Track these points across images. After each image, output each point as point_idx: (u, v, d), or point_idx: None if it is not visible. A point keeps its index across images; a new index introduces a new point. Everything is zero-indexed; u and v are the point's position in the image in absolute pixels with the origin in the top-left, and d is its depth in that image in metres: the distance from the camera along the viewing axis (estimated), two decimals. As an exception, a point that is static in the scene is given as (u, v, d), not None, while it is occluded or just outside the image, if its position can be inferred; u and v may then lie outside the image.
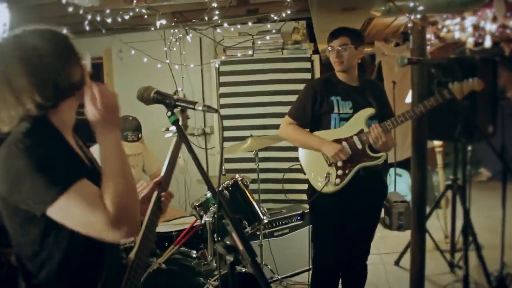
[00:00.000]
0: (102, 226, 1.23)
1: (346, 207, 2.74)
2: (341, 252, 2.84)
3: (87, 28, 3.83)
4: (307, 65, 4.68)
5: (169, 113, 1.48)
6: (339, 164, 2.75)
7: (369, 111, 2.77)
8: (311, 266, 3.10)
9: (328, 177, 2.74)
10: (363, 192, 2.74)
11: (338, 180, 2.74)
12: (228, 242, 1.33)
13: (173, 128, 1.55)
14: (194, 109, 1.44)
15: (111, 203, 1.24)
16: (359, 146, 2.72)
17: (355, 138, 2.74)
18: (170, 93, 1.52)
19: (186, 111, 1.71)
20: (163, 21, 3.79)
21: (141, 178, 3.70)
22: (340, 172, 2.75)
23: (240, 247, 1.28)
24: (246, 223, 2.89)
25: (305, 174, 2.89)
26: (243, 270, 2.65)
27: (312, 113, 2.84)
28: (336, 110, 2.79)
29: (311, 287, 2.98)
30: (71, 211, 1.23)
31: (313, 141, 2.82)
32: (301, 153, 2.94)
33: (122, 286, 1.41)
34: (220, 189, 1.39)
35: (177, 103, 1.47)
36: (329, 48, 2.81)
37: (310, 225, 3.07)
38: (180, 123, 1.51)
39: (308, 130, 2.89)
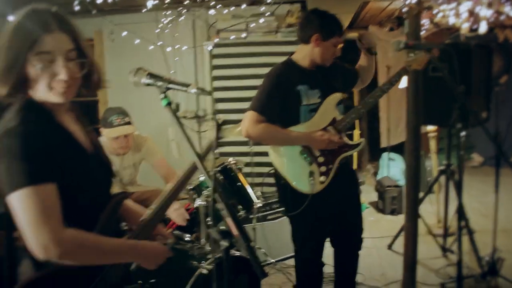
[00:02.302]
0: (43, 242, 1.24)
1: (321, 200, 2.58)
2: (322, 245, 2.79)
3: (77, 8, 3.75)
4: (301, 48, 4.64)
5: (162, 96, 1.44)
6: (320, 160, 2.60)
7: (337, 97, 2.64)
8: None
9: (313, 176, 2.57)
10: (336, 181, 2.63)
11: (323, 178, 2.59)
12: (222, 227, 1.32)
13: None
14: (187, 91, 1.40)
15: (78, 238, 1.31)
16: (335, 135, 2.61)
17: (330, 129, 2.62)
18: (163, 75, 1.49)
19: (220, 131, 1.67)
20: (156, 1, 3.72)
21: (136, 174, 3.65)
22: (323, 168, 2.60)
23: (235, 232, 1.26)
24: (240, 207, 2.87)
25: (282, 181, 2.64)
26: (236, 253, 2.64)
27: (279, 106, 2.55)
28: (304, 102, 2.58)
29: (296, 280, 2.93)
30: (24, 209, 1.24)
31: (297, 137, 2.57)
32: (275, 158, 2.68)
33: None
34: (213, 172, 1.36)
35: (169, 85, 1.43)
36: (338, 40, 2.60)
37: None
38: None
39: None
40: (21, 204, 1.24)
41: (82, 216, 1.39)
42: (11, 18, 1.41)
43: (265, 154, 4.59)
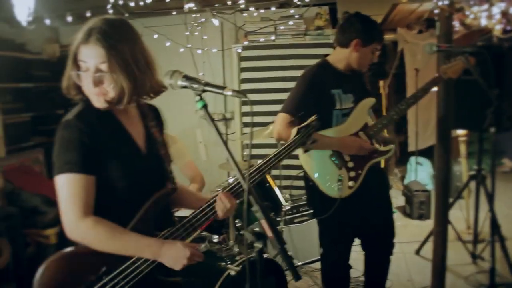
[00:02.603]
0: (67, 221, 1.45)
1: (350, 203, 2.56)
2: (349, 249, 2.78)
3: (110, 11, 3.83)
4: (330, 51, 4.51)
5: (197, 98, 1.45)
6: (350, 165, 2.57)
7: (371, 102, 2.63)
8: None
9: (341, 181, 2.54)
10: (365, 184, 2.61)
11: (351, 183, 2.56)
12: (256, 229, 1.32)
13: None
14: (223, 94, 1.41)
15: (94, 227, 1.45)
16: (367, 141, 2.59)
17: (361, 134, 2.60)
18: (197, 78, 1.50)
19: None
20: (191, 5, 3.75)
21: None
22: (352, 173, 2.57)
23: (270, 234, 1.27)
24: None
25: (311, 183, 2.62)
26: (265, 255, 2.65)
27: (312, 109, 2.34)
28: (338, 106, 2.55)
29: (323, 283, 2.91)
30: (60, 190, 1.46)
31: (328, 142, 2.52)
32: (304, 160, 2.65)
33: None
34: (248, 176, 1.38)
35: (205, 87, 1.43)
36: (377, 47, 2.59)
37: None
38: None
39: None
40: (58, 187, 1.46)
41: (126, 210, 1.53)
42: (47, 21, 1.51)
43: (293, 157, 4.64)
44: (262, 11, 4.53)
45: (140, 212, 1.55)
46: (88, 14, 3.51)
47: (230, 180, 2.89)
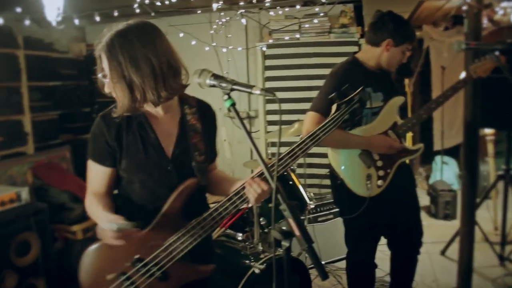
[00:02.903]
0: (86, 195, 1.74)
1: (378, 202, 2.53)
2: (375, 248, 2.76)
3: (137, 11, 3.87)
4: (354, 49, 4.59)
5: (226, 97, 1.45)
6: (379, 164, 2.55)
7: (400, 100, 2.59)
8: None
9: (370, 180, 2.53)
10: (393, 181, 2.59)
11: (380, 182, 2.55)
12: (283, 227, 1.33)
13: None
14: (251, 93, 1.41)
15: (88, 208, 1.71)
16: (396, 140, 2.56)
17: (390, 133, 2.58)
18: (226, 76, 1.51)
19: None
20: (220, 4, 3.77)
21: None
22: (381, 172, 2.55)
23: (297, 233, 1.27)
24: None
25: (339, 181, 2.59)
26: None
27: None
28: (368, 105, 2.49)
29: (348, 282, 2.90)
30: (88, 171, 1.74)
31: (357, 141, 2.50)
32: (333, 158, 2.63)
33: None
34: (277, 174, 1.38)
35: (234, 86, 1.44)
36: (408, 47, 2.55)
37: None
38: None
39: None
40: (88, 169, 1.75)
41: (152, 204, 1.67)
42: (76, 21, 1.58)
43: (318, 155, 4.64)
44: (287, 9, 4.52)
45: (165, 205, 1.63)
46: (116, 13, 3.56)
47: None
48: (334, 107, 1.75)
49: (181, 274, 1.67)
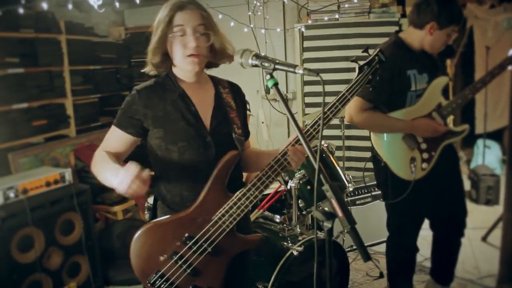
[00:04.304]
0: (97, 151, 1.78)
1: (422, 184, 2.49)
2: (418, 230, 2.72)
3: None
4: (395, 29, 4.47)
5: (268, 77, 1.44)
6: (423, 146, 2.51)
7: (444, 81, 2.51)
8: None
9: (414, 162, 2.49)
10: (437, 163, 2.55)
11: (425, 165, 2.51)
12: (326, 208, 1.31)
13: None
14: (294, 72, 1.39)
15: (94, 159, 1.76)
16: (440, 122, 2.50)
17: (435, 115, 2.51)
18: (268, 56, 1.50)
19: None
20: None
21: None
22: (425, 155, 2.51)
23: (340, 214, 1.26)
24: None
25: (382, 164, 2.56)
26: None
27: (387, 92, 2.40)
28: (413, 87, 2.46)
29: (388, 264, 2.88)
30: (107, 135, 1.80)
31: (401, 126, 2.47)
32: (376, 141, 2.62)
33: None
34: (321, 155, 1.38)
35: (276, 66, 1.43)
36: (454, 29, 2.45)
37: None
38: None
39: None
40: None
41: (180, 177, 1.72)
42: (117, 4, 1.62)
43: (356, 138, 4.58)
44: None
45: (210, 179, 1.66)
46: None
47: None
48: (357, 69, 1.83)
49: (231, 246, 1.70)
